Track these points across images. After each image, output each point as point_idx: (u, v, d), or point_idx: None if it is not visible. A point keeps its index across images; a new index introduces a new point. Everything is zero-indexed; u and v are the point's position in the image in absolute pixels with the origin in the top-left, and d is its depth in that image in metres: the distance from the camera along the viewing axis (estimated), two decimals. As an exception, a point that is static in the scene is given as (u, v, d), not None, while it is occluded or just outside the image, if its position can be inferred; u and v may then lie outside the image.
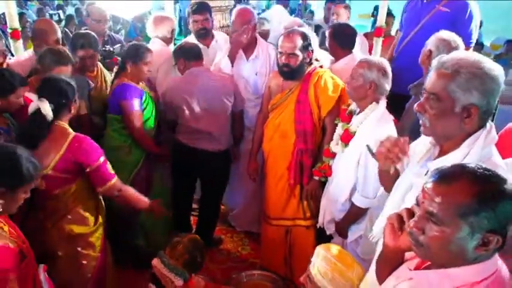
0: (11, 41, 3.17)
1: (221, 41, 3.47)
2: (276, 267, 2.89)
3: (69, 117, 2.21)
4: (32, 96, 2.40)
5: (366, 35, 4.66)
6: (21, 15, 6.37)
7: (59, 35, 3.03)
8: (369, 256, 1.89)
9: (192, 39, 3.46)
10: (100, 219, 2.34)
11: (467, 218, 0.99)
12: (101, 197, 2.38)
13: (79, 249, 2.24)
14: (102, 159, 2.17)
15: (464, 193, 1.00)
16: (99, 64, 3.08)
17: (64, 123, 2.16)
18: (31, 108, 2.07)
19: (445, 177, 1.04)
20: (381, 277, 1.35)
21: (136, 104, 2.76)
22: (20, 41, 3.21)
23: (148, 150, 2.90)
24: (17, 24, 3.14)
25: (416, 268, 1.20)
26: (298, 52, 2.52)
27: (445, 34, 2.52)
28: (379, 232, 1.63)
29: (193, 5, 3.38)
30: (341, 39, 3.10)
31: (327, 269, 1.64)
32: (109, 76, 3.07)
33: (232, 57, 3.14)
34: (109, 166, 2.21)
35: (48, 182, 2.09)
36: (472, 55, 1.34)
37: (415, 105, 1.41)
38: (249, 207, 3.47)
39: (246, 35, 3.05)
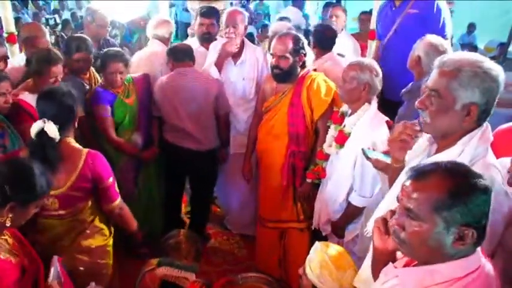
0: (7, 45, 3.18)
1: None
2: (271, 270, 2.90)
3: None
4: (28, 97, 2.41)
5: (353, 35, 4.71)
6: (17, 20, 6.39)
7: (48, 37, 3.04)
8: (366, 255, 1.91)
9: (191, 41, 3.48)
10: (112, 228, 2.35)
11: (441, 213, 1.03)
12: None
13: (99, 260, 2.23)
14: (111, 179, 2.14)
15: (437, 188, 1.03)
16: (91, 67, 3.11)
17: (71, 138, 2.09)
18: (34, 129, 1.91)
19: (421, 174, 1.08)
20: (375, 276, 1.38)
21: (103, 109, 2.87)
22: (16, 45, 3.23)
23: (124, 151, 2.99)
24: (12, 28, 3.18)
25: (405, 266, 1.23)
26: (288, 55, 2.55)
27: (432, 38, 2.56)
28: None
29: (203, 7, 3.40)
30: (321, 40, 3.20)
31: (317, 264, 1.67)
32: (99, 79, 3.10)
33: (219, 66, 3.15)
34: (116, 185, 2.19)
35: (62, 201, 2.03)
36: (473, 55, 1.36)
37: (416, 102, 1.43)
38: (245, 210, 3.49)
39: (235, 43, 3.08)
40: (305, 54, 2.63)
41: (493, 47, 6.44)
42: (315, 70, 2.75)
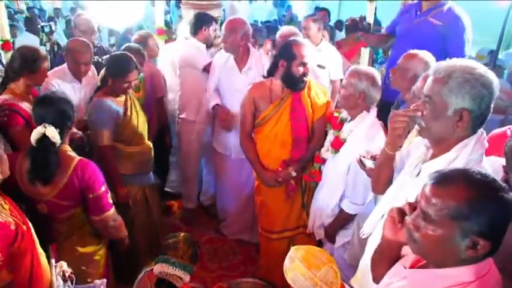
0: (2, 52, 3.19)
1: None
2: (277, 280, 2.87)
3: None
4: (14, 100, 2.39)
5: (338, 43, 4.71)
6: (11, 27, 6.32)
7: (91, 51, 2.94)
8: (356, 262, 1.93)
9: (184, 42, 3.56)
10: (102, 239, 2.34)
11: (459, 222, 1.02)
12: None
13: (83, 267, 2.20)
14: (103, 188, 2.11)
15: (458, 197, 1.02)
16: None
17: (66, 146, 2.07)
18: (35, 135, 1.90)
19: (443, 180, 1.07)
20: (376, 271, 1.38)
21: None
22: (11, 53, 3.23)
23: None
24: (8, 36, 3.18)
25: (412, 266, 1.22)
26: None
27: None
28: (370, 228, 1.67)
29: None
30: None
31: (290, 268, 1.70)
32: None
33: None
34: (109, 195, 2.17)
35: (50, 208, 2.05)
36: (466, 62, 1.38)
37: (412, 107, 1.47)
38: (240, 216, 3.49)
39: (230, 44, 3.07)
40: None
41: (484, 54, 6.51)
42: None
